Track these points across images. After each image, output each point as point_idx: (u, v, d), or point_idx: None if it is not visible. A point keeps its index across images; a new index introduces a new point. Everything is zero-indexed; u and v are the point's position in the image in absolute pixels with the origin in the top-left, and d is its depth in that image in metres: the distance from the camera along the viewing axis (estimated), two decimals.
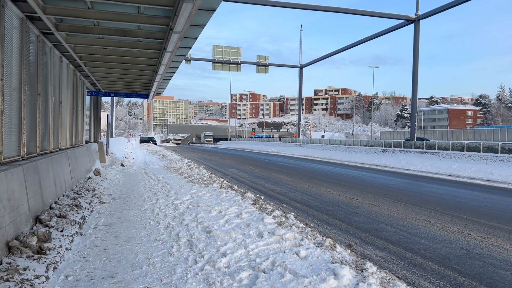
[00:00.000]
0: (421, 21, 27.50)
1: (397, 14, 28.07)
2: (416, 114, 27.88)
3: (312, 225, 8.25)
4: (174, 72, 15.43)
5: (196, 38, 9.71)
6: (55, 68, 10.31)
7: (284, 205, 10.55)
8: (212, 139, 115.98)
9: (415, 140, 26.43)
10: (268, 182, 15.99)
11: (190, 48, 10.92)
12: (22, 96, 7.11)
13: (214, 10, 7.48)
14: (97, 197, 10.12)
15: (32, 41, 8.02)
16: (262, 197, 11.47)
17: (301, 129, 55.31)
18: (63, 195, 8.97)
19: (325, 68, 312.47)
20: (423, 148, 24.80)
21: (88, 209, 8.61)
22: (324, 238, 6.62)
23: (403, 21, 27.91)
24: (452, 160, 22.05)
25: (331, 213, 9.72)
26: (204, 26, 8.55)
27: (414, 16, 26.99)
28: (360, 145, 32.79)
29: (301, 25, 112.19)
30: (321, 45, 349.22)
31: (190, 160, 24.51)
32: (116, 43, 10.19)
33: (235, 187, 12.70)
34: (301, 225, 7.65)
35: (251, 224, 7.40)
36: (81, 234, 6.68)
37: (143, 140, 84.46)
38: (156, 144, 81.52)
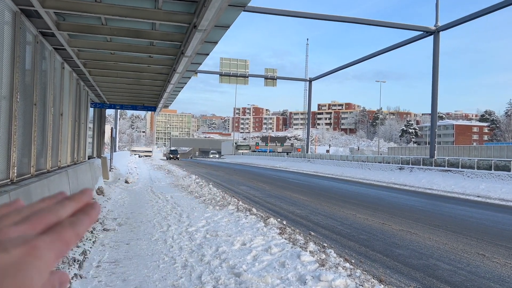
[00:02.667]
0: (433, 34, 26.43)
1: (415, 25, 26.74)
2: (437, 130, 26.52)
3: (353, 261, 6.99)
4: (186, 83, 14.29)
5: (216, 43, 8.62)
6: (56, 75, 9.12)
7: (312, 233, 9.30)
8: (248, 150, 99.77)
9: (435, 158, 25.05)
10: (284, 202, 14.71)
11: (207, 55, 9.86)
12: (13, 106, 5.88)
13: (243, 6, 6.33)
14: (100, 223, 8.83)
15: (29, 41, 6.83)
16: (285, 222, 10.26)
17: (307, 144, 53.83)
18: None
19: (328, 82, 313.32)
20: (444, 166, 23.36)
21: (90, 239, 7.33)
22: (385, 287, 5.32)
23: (422, 32, 26.58)
24: (478, 180, 20.63)
25: (368, 244, 8.49)
26: (228, 27, 7.45)
27: (433, 28, 25.71)
28: (375, 162, 31.26)
29: (307, 39, 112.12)
30: (324, 59, 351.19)
31: (197, 177, 23.27)
32: (126, 47, 9.01)
33: (254, 210, 11.41)
34: (348, 265, 6.35)
35: (286, 263, 6.11)
36: (81, 277, 5.39)
37: (171, 153, 72.28)
38: (178, 158, 72.30)
